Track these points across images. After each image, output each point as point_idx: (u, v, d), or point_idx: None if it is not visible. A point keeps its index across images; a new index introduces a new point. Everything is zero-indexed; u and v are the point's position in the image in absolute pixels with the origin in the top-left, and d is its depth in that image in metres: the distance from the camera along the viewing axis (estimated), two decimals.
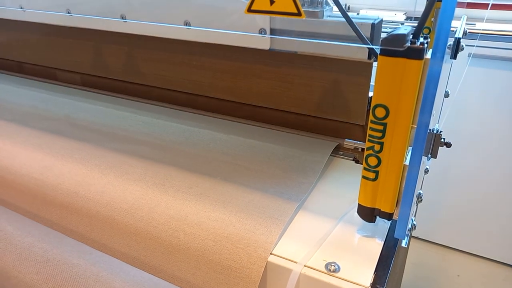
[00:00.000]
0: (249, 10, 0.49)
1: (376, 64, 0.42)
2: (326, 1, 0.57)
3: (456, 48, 0.55)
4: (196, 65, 0.78)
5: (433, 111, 0.40)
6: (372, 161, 0.46)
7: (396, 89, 0.41)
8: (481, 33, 1.30)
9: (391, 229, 0.52)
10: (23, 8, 0.82)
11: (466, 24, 1.32)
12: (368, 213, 0.49)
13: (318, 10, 0.56)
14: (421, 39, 0.40)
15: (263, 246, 0.48)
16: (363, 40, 0.55)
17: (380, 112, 0.43)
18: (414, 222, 0.53)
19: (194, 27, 0.64)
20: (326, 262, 0.46)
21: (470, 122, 1.43)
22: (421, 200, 0.52)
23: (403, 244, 0.51)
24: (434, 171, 1.39)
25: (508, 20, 1.45)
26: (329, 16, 0.58)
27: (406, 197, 0.44)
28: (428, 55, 0.40)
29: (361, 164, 0.57)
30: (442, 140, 0.51)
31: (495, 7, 1.47)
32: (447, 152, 1.11)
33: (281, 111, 0.76)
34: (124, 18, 0.70)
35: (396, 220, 0.46)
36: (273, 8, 0.47)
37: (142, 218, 0.55)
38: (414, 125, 0.43)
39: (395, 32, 0.40)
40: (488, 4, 1.40)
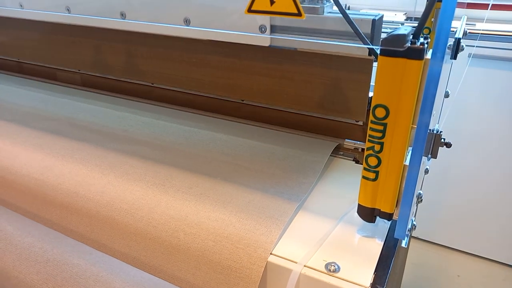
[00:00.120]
0: (249, 10, 0.49)
1: (376, 64, 0.42)
2: None
3: (456, 48, 0.55)
4: (196, 63, 0.78)
5: (433, 111, 0.40)
6: (372, 161, 0.46)
7: (396, 89, 0.41)
8: (481, 34, 1.30)
9: (391, 229, 0.52)
10: (22, 6, 0.82)
11: (466, 25, 1.32)
12: (368, 213, 0.49)
13: (319, 6, 0.56)
14: (421, 39, 0.40)
15: (263, 246, 0.48)
16: (363, 40, 0.55)
17: (380, 112, 0.43)
18: (414, 222, 0.53)
19: (194, 27, 0.64)
20: (326, 262, 0.46)
21: (470, 122, 1.43)
22: (421, 200, 0.52)
23: (403, 244, 0.51)
24: (434, 171, 1.38)
25: (508, 20, 1.45)
26: (330, 12, 0.57)
27: (406, 197, 0.44)
28: (428, 55, 0.40)
29: (361, 164, 0.57)
30: (442, 140, 0.51)
31: (495, 8, 1.47)
32: (447, 152, 1.11)
33: (281, 111, 0.76)
34: (124, 16, 0.70)
35: (396, 220, 0.46)
36: (273, 8, 0.47)
37: (142, 218, 0.55)
38: (414, 125, 0.43)
39: (395, 32, 0.40)
40: (488, 5, 1.40)
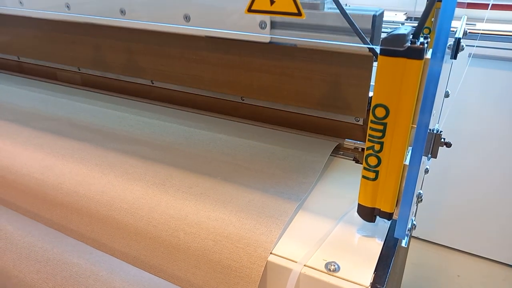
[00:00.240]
0: (249, 10, 0.49)
1: (376, 64, 0.43)
2: None
3: (456, 48, 0.55)
4: (196, 60, 0.78)
5: (433, 111, 0.40)
6: (372, 161, 0.46)
7: (396, 89, 0.42)
8: (481, 33, 1.30)
9: (391, 229, 0.52)
10: (22, 4, 0.82)
11: (466, 24, 1.32)
12: (368, 213, 0.49)
13: (319, 2, 0.56)
14: (421, 39, 0.40)
15: (263, 246, 0.48)
16: (363, 40, 0.55)
17: (380, 112, 0.43)
18: (414, 222, 0.53)
19: (194, 27, 0.64)
20: (326, 262, 0.46)
21: (470, 122, 1.43)
22: (421, 200, 0.52)
23: (403, 244, 0.51)
24: (434, 171, 1.39)
25: (508, 20, 1.45)
26: (330, 8, 0.57)
27: (406, 197, 0.44)
28: (428, 55, 0.40)
29: (361, 164, 0.57)
30: (442, 140, 0.51)
31: (495, 7, 1.47)
32: (447, 152, 1.11)
33: (281, 111, 0.76)
34: (124, 13, 0.70)
35: (396, 220, 0.46)
36: (273, 8, 0.47)
37: (142, 218, 0.55)
38: (414, 125, 0.43)
39: (395, 32, 0.40)
40: (488, 4, 1.40)
